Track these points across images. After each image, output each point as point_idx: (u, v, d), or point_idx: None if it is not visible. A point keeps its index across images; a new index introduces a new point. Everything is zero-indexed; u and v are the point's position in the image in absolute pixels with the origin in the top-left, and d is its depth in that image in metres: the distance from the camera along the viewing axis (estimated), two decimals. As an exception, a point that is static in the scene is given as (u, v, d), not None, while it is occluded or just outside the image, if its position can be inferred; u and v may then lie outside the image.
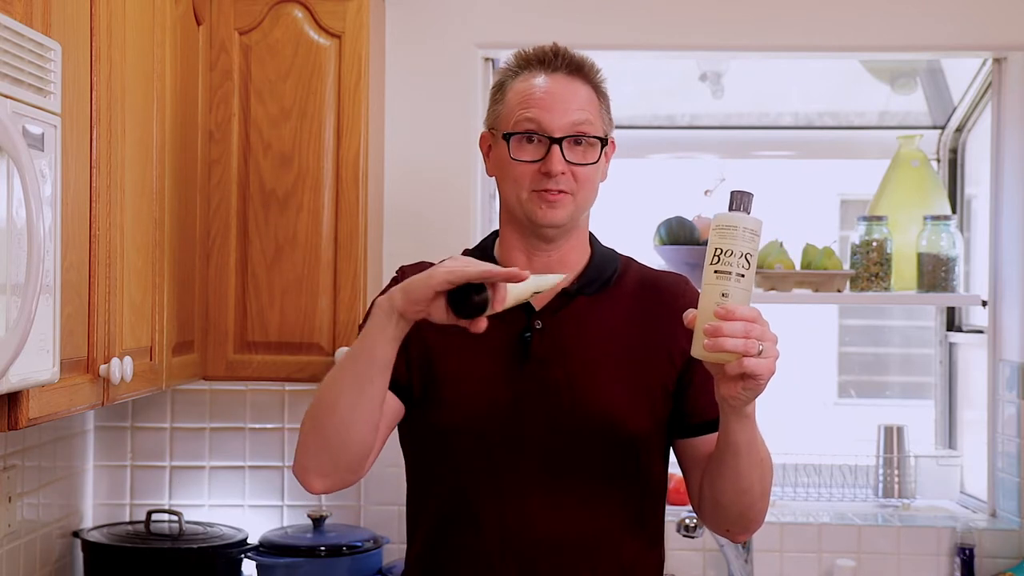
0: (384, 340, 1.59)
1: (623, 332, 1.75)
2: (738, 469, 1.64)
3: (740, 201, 1.51)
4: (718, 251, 1.50)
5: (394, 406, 1.75)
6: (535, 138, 1.72)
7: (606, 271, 1.80)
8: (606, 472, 1.73)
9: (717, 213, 1.53)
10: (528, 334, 1.73)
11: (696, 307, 1.52)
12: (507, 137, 1.73)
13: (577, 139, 1.72)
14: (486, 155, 1.82)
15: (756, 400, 1.56)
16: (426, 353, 1.75)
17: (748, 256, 1.49)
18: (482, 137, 1.82)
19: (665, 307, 1.76)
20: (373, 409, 1.64)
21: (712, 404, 1.59)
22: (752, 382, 1.49)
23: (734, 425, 1.59)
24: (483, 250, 1.83)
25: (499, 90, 1.79)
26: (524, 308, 1.73)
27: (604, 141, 1.75)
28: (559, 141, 1.71)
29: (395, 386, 1.71)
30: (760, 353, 1.47)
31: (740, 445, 1.61)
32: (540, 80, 1.74)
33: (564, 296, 1.76)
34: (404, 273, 1.83)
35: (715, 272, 1.49)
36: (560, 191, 1.71)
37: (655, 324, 1.75)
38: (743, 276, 1.49)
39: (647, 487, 1.77)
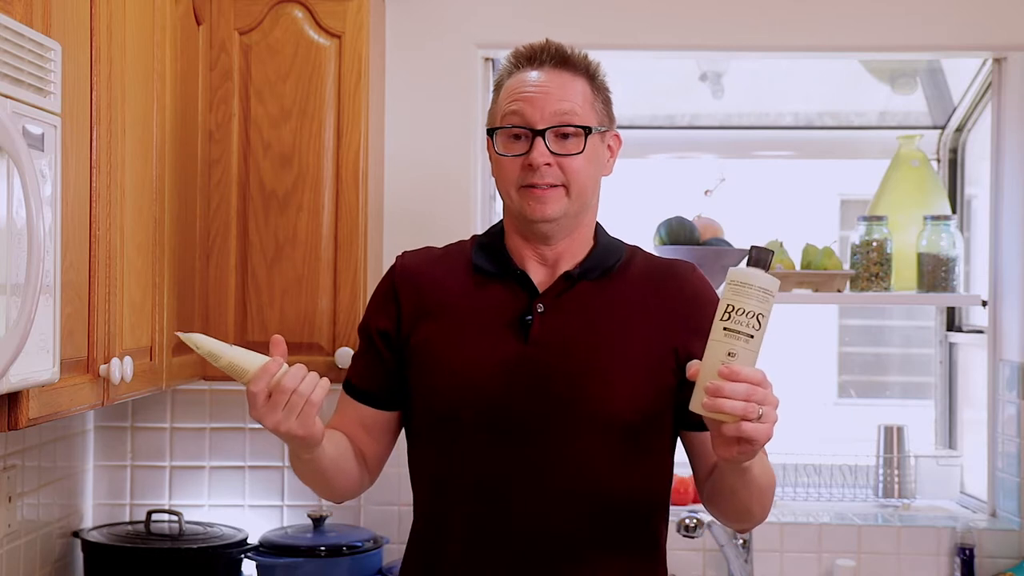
0: (313, 456, 1.69)
1: (626, 317, 1.74)
2: (736, 501, 1.68)
3: (759, 258, 1.50)
4: (730, 307, 1.48)
5: (390, 420, 1.81)
6: (520, 132, 1.71)
7: (609, 259, 1.78)
8: (607, 458, 1.71)
9: (733, 268, 1.52)
10: (529, 317, 1.72)
11: (702, 300, 1.52)
12: (491, 132, 1.74)
13: (561, 130, 1.71)
14: (489, 157, 1.82)
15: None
16: (425, 342, 1.76)
17: (760, 317, 1.47)
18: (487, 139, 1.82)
19: (672, 293, 1.75)
20: (348, 468, 1.77)
21: None
22: (747, 446, 1.49)
23: (731, 474, 1.61)
24: (493, 235, 1.83)
25: (496, 90, 1.80)
26: (527, 290, 1.74)
27: (588, 130, 1.72)
28: (542, 133, 1.70)
29: (386, 402, 1.79)
30: (759, 418, 1.46)
31: (738, 487, 1.64)
32: (527, 75, 1.74)
33: (567, 279, 1.75)
34: (405, 258, 1.85)
35: (724, 329, 1.48)
36: (549, 185, 1.70)
37: (661, 310, 1.74)
38: (752, 337, 1.47)
39: (648, 475, 1.76)
